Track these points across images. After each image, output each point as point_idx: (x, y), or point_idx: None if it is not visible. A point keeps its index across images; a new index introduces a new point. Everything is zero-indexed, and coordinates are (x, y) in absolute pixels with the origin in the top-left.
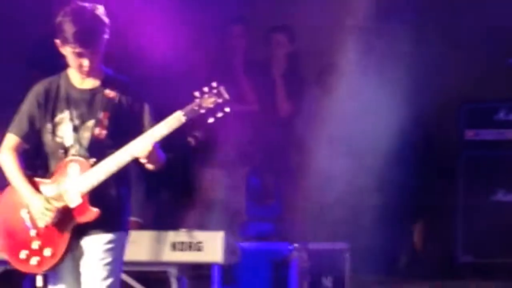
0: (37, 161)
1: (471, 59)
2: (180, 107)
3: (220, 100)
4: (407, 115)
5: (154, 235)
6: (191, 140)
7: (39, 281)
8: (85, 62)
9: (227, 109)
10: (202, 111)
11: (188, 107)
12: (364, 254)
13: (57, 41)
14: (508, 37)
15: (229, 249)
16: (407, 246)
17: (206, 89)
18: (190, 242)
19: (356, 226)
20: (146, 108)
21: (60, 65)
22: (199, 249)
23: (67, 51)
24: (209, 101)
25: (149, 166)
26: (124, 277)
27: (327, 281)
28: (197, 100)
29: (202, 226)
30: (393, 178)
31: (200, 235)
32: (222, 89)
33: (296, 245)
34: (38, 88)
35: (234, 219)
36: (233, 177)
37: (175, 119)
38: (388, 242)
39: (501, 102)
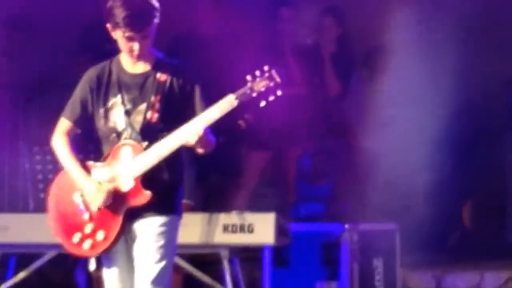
0: (89, 145)
1: None
2: (230, 90)
3: (272, 84)
4: (456, 97)
5: (206, 217)
6: (241, 123)
7: (92, 264)
8: (136, 46)
9: (279, 93)
10: (254, 94)
11: (240, 91)
12: (414, 234)
13: (108, 25)
14: None
15: (280, 231)
16: (457, 226)
17: (258, 72)
18: (241, 224)
19: (406, 206)
20: (198, 90)
21: (110, 50)
22: (250, 231)
23: (118, 35)
24: (261, 85)
25: (199, 150)
26: (176, 259)
27: (378, 262)
28: (249, 84)
29: (253, 208)
30: (443, 159)
31: (251, 217)
32: (274, 72)
33: (346, 226)
34: (90, 74)
35: (285, 201)
36: (283, 158)
37: (227, 103)
38: (438, 222)
39: None
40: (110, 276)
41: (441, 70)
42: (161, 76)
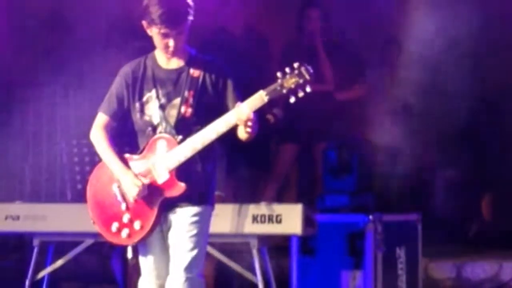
0: (124, 138)
1: None
2: (260, 86)
3: (301, 81)
4: (472, 92)
5: (236, 208)
6: (270, 117)
7: (129, 252)
8: (171, 43)
9: (308, 89)
10: (284, 91)
11: (271, 87)
12: (435, 225)
13: (144, 22)
14: None
15: (307, 221)
16: (476, 218)
17: (288, 69)
18: (270, 215)
19: (428, 198)
20: (230, 86)
21: (139, 47)
22: (278, 221)
23: (154, 32)
24: (291, 81)
25: (245, 135)
26: (208, 248)
27: (401, 251)
28: (279, 81)
29: (281, 199)
30: (462, 152)
31: (279, 208)
32: (303, 69)
33: (371, 217)
34: (126, 69)
35: (311, 192)
36: (311, 152)
37: (258, 99)
38: (458, 214)
39: None
40: (146, 263)
41: (458, 64)
42: (194, 72)
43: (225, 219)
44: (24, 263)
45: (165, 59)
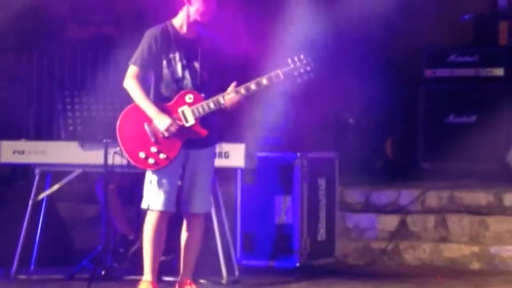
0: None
1: (431, 13)
2: None
3: (308, 68)
4: (380, 57)
5: None
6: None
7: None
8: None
9: (312, 75)
10: (295, 73)
11: (286, 69)
12: (349, 160)
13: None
14: None
15: (249, 157)
16: (381, 155)
17: (296, 58)
18: (220, 151)
19: (344, 139)
20: (227, 56)
21: (96, 20)
22: (226, 157)
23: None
24: (301, 68)
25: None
26: None
27: (322, 181)
28: (292, 65)
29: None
30: (370, 104)
31: (227, 146)
32: (310, 59)
33: (298, 154)
34: (153, 32)
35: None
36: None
37: (276, 76)
38: (367, 152)
39: (453, 47)
40: (162, 183)
41: (365, 33)
42: (206, 43)
43: None
44: (28, 187)
45: (185, 28)
